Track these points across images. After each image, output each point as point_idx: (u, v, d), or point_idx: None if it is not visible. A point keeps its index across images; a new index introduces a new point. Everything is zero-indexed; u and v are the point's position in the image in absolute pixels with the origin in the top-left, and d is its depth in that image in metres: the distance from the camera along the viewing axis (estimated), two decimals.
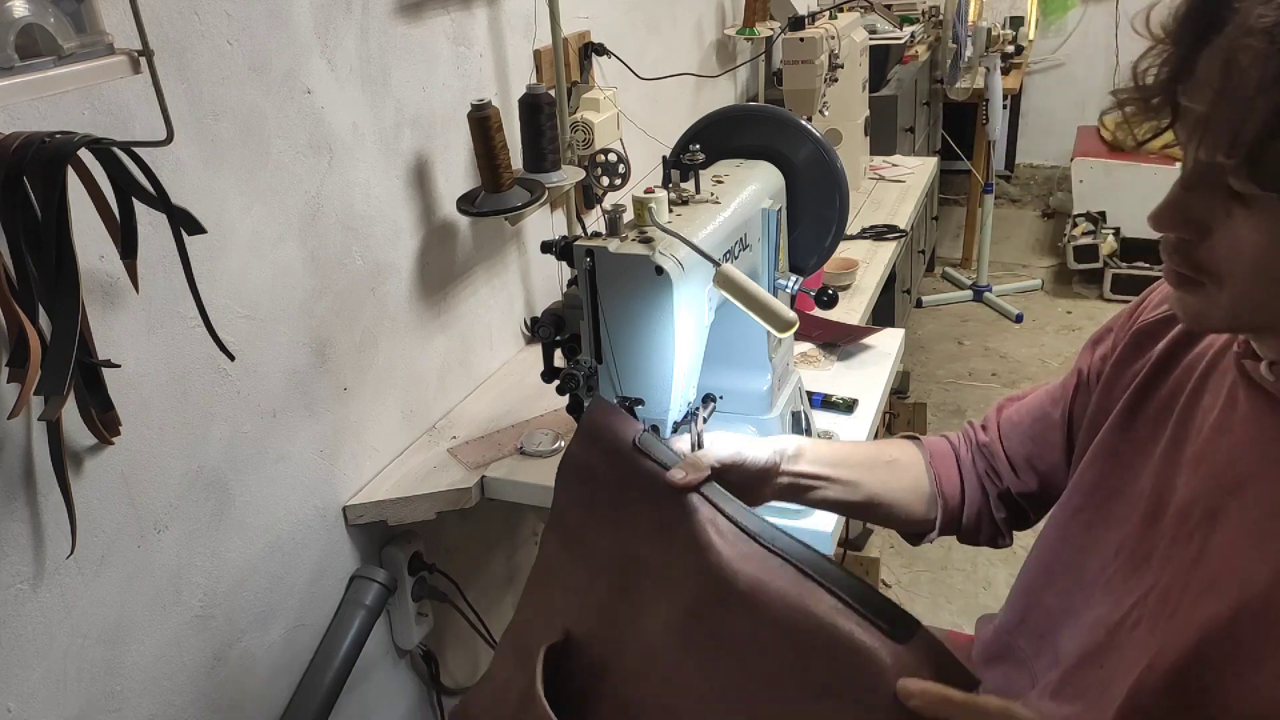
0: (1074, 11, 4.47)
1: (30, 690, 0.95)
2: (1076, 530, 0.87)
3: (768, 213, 1.09)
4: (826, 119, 2.30)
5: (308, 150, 1.22)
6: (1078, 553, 0.86)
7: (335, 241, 1.29)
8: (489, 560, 1.79)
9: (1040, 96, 4.71)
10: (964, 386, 3.22)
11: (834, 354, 1.62)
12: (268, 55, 1.14)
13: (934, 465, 1.02)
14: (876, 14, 3.24)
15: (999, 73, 3.44)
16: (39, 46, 0.75)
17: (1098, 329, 0.95)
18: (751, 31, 2.56)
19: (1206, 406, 0.76)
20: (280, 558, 1.25)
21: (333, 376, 1.31)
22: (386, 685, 1.51)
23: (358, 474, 1.38)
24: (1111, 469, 0.84)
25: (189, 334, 1.07)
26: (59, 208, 0.81)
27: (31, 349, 0.81)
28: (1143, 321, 0.86)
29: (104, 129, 0.94)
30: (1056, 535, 0.90)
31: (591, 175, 1.74)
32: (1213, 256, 0.64)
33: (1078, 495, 0.87)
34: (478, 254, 1.63)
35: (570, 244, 0.92)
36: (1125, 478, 0.83)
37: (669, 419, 0.95)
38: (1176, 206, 0.65)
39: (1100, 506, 0.85)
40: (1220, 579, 0.69)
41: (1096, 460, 0.86)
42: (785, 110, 1.17)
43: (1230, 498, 0.71)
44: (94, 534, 1.00)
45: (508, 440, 1.42)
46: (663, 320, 0.90)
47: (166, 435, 1.07)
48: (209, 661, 1.16)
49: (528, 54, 1.71)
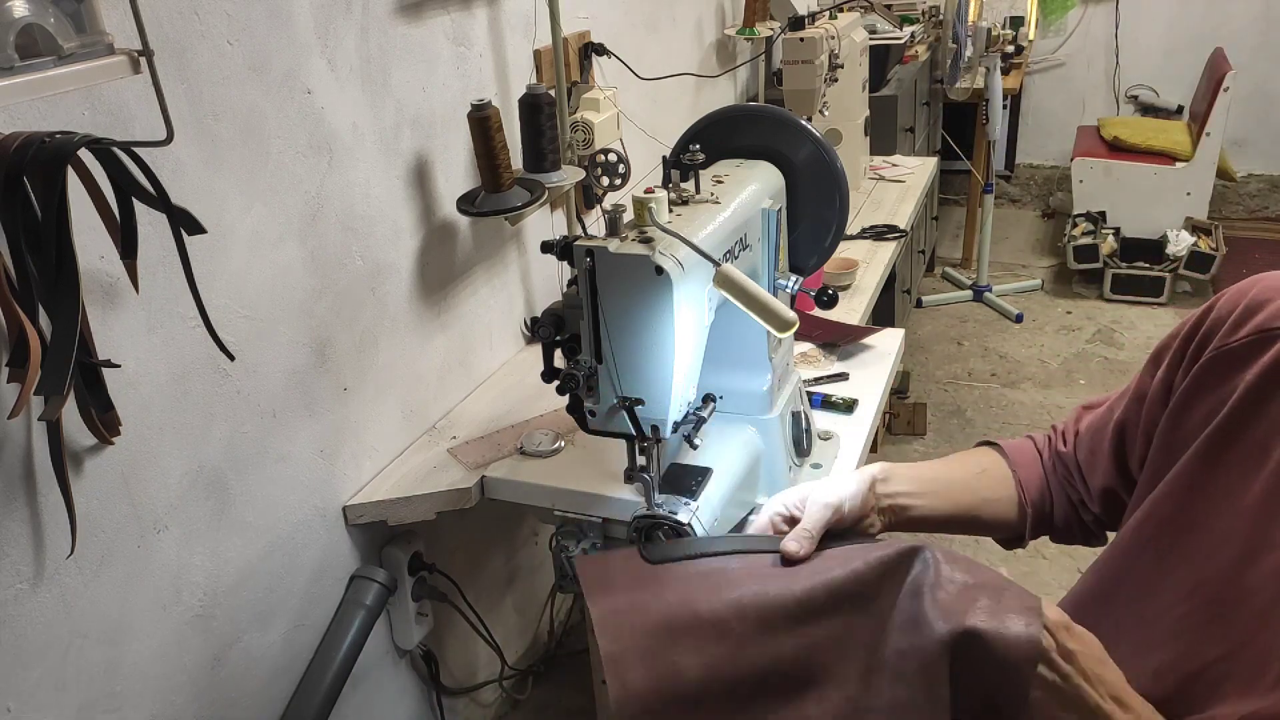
0: (1074, 11, 4.47)
1: (30, 690, 0.95)
2: (1147, 562, 0.80)
3: (768, 213, 1.09)
4: (826, 119, 2.30)
5: (308, 150, 1.22)
6: (1142, 585, 0.80)
7: (335, 241, 1.29)
8: (489, 560, 1.79)
9: (1040, 96, 4.71)
10: (963, 386, 3.22)
11: (834, 354, 1.62)
12: (268, 55, 1.14)
13: (1017, 471, 1.00)
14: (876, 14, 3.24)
15: (999, 73, 3.44)
16: (39, 46, 0.75)
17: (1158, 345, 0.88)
18: (751, 31, 2.56)
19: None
20: (280, 558, 1.25)
21: (333, 376, 1.31)
22: (386, 685, 1.51)
23: (358, 474, 1.38)
24: (1191, 502, 0.78)
25: (189, 334, 1.07)
26: (59, 208, 0.81)
27: (31, 349, 0.81)
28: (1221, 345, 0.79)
29: (104, 129, 0.94)
30: (1121, 563, 0.84)
31: (591, 175, 1.74)
32: None
33: (1151, 525, 0.81)
34: (478, 254, 1.63)
35: (570, 244, 0.92)
36: (1209, 513, 0.76)
37: (669, 419, 0.95)
38: None
39: (1176, 539, 0.78)
40: None
41: (1175, 492, 0.79)
42: (785, 110, 1.17)
43: None
44: (94, 534, 1.00)
45: (508, 440, 1.42)
46: (663, 320, 0.90)
47: (166, 435, 1.07)
48: (209, 661, 1.16)
49: (528, 54, 1.71)
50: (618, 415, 0.96)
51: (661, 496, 1.02)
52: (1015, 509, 0.99)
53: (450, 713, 1.68)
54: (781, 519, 0.90)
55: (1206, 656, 0.72)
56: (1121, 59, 4.47)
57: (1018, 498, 0.99)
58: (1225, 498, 0.75)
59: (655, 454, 0.99)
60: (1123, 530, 0.85)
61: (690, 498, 1.02)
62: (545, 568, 1.99)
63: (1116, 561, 0.84)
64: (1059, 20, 4.51)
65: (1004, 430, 2.94)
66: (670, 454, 1.10)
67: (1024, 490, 0.99)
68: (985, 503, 0.98)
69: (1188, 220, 3.65)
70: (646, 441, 0.98)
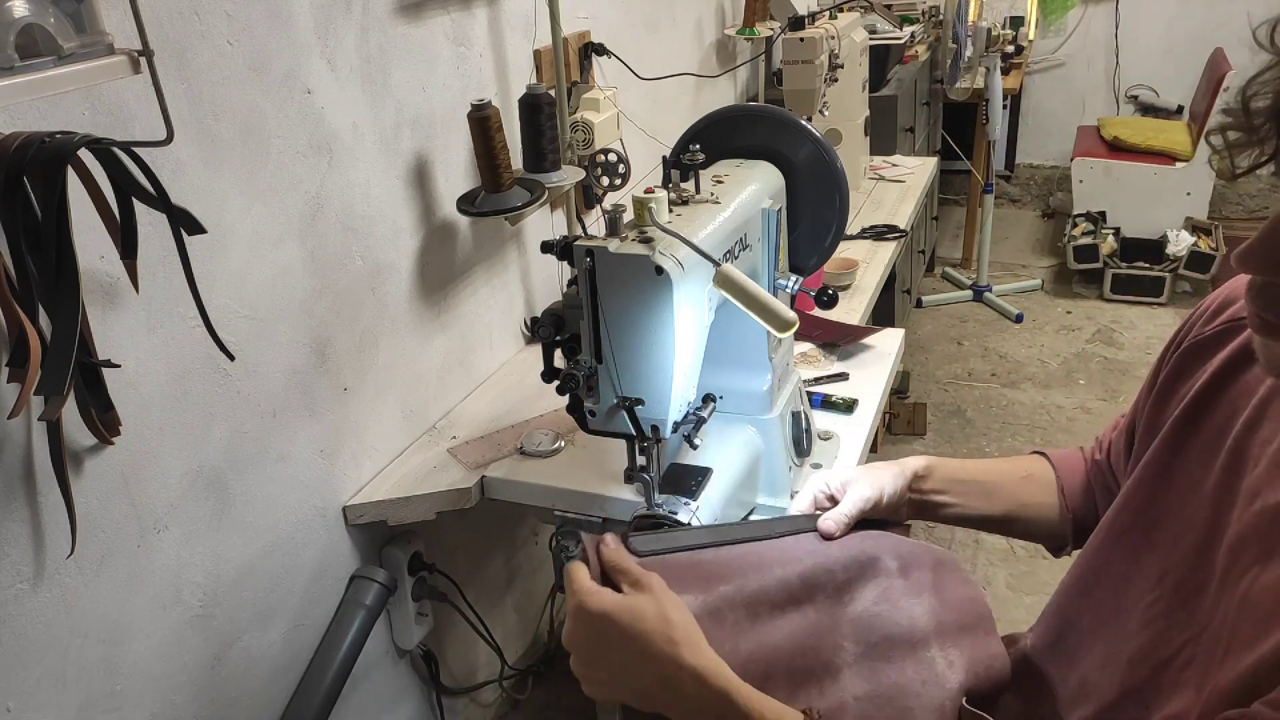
0: (1074, 11, 4.46)
1: (30, 689, 0.95)
2: (1123, 553, 0.81)
3: (768, 213, 1.09)
4: (826, 119, 2.30)
5: (308, 150, 1.22)
6: (1120, 577, 0.81)
7: (335, 241, 1.29)
8: (489, 560, 1.79)
9: (1040, 96, 4.71)
10: (963, 386, 3.22)
11: (834, 354, 1.62)
12: (268, 55, 1.14)
13: (1060, 478, 1.02)
14: (876, 14, 3.24)
15: (999, 73, 3.44)
16: (39, 46, 0.75)
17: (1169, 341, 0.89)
18: (751, 31, 2.56)
19: (1265, 437, 0.71)
20: (280, 557, 1.25)
21: (333, 376, 1.31)
22: (386, 685, 1.51)
23: (358, 474, 1.38)
24: (1160, 490, 0.79)
25: (189, 334, 1.07)
26: (59, 208, 0.81)
27: (31, 349, 0.81)
28: (1197, 335, 0.81)
29: (104, 129, 0.94)
30: (1101, 556, 0.84)
31: (591, 175, 1.74)
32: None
33: (1126, 514, 0.82)
34: (478, 254, 1.63)
35: (570, 244, 0.92)
36: (1174, 501, 0.78)
37: (669, 419, 0.95)
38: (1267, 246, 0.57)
39: (1148, 530, 0.79)
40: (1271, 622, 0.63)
41: (1146, 480, 0.81)
42: (785, 110, 1.17)
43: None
44: (94, 534, 1.00)
45: (508, 440, 1.42)
46: (663, 320, 0.90)
47: (166, 435, 1.07)
48: (209, 661, 1.16)
49: (528, 54, 1.71)
50: (618, 415, 0.96)
51: (661, 496, 1.02)
52: (1057, 515, 1.01)
53: (450, 713, 1.68)
54: (824, 496, 0.96)
55: (1175, 643, 0.73)
56: (1121, 59, 4.47)
57: (1059, 504, 1.01)
58: (1189, 485, 0.77)
59: (655, 454, 0.99)
60: (1102, 521, 0.87)
61: (690, 498, 1.02)
62: (545, 568, 1.99)
63: (1096, 553, 0.86)
64: (1059, 20, 4.50)
65: (1003, 430, 2.94)
66: (670, 454, 1.10)
67: (1066, 497, 1.01)
68: (1025, 507, 1.00)
69: (1188, 220, 3.64)
70: (646, 441, 0.98)
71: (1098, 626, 0.82)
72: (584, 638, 0.75)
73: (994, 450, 2.85)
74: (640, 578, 0.76)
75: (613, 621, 0.73)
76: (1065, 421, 2.97)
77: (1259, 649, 0.63)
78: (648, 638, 0.72)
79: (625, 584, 0.76)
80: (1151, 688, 0.73)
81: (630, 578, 0.76)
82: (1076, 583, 0.88)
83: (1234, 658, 0.66)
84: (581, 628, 0.75)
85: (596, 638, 0.74)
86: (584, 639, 0.75)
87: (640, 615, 0.73)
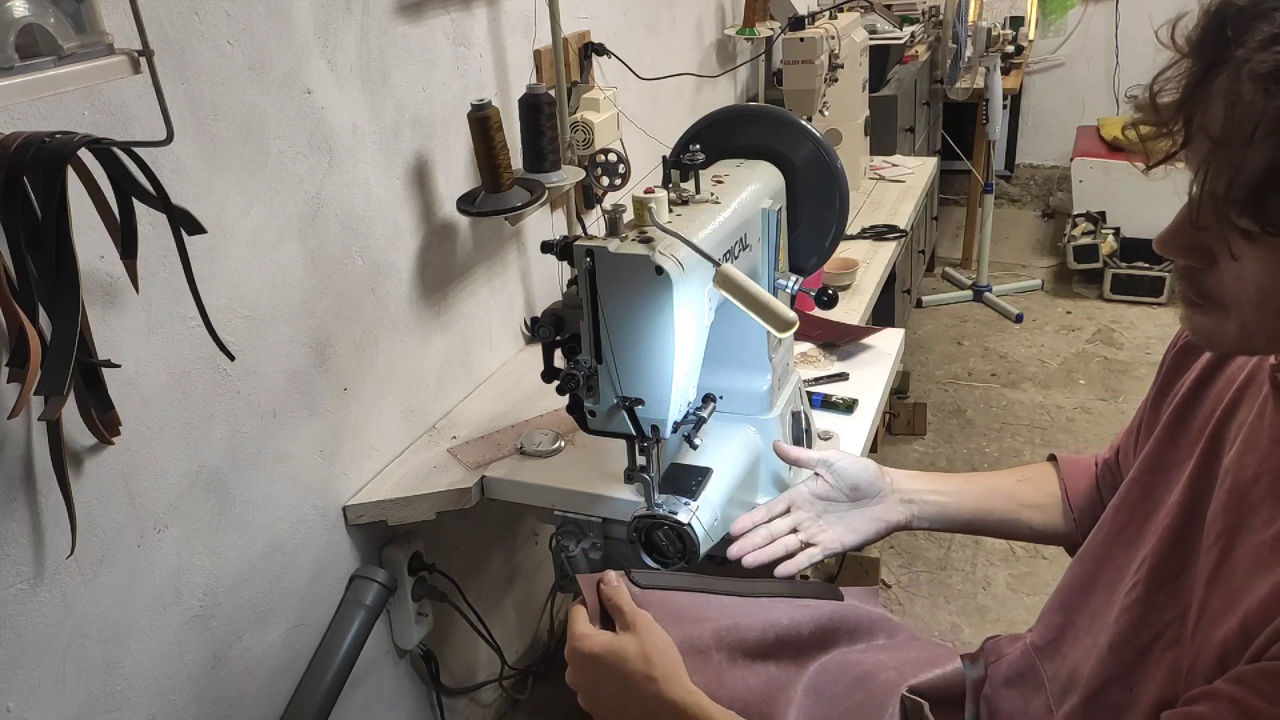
0: (1074, 11, 4.46)
1: (30, 690, 0.95)
2: (1120, 548, 0.83)
3: (768, 213, 1.09)
4: (826, 119, 2.30)
5: (308, 150, 1.22)
6: (1117, 571, 0.82)
7: (335, 241, 1.29)
8: (489, 560, 1.79)
9: (1040, 96, 4.71)
10: (963, 386, 3.22)
11: (834, 354, 1.62)
12: (268, 55, 1.14)
13: (1065, 479, 1.03)
14: (876, 14, 3.24)
15: (999, 73, 3.44)
16: (39, 46, 0.75)
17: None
18: (751, 31, 2.56)
19: (1240, 421, 0.74)
20: (280, 557, 1.25)
21: (333, 376, 1.31)
22: (386, 685, 1.51)
23: (358, 474, 1.38)
24: (1154, 484, 0.82)
25: (189, 334, 1.07)
26: (59, 208, 0.81)
27: (31, 349, 0.81)
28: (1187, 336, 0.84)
29: (104, 129, 0.94)
30: (1101, 552, 0.86)
31: (591, 175, 1.74)
32: (1219, 284, 0.62)
33: (1125, 510, 0.84)
34: (478, 254, 1.63)
35: (570, 244, 0.92)
36: (1162, 495, 0.80)
37: (669, 419, 0.95)
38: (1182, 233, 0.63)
39: (1142, 524, 0.81)
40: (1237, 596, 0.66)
41: (1142, 476, 0.83)
42: (785, 110, 1.17)
43: (1252, 514, 0.68)
44: (94, 534, 1.00)
45: (508, 440, 1.42)
46: (663, 320, 0.90)
47: (166, 435, 1.07)
48: (209, 661, 1.16)
49: (528, 54, 1.71)
50: (618, 415, 0.96)
51: (661, 496, 1.02)
52: (1062, 516, 1.02)
53: (450, 712, 1.68)
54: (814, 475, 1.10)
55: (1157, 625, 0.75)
56: (1121, 59, 4.47)
57: (1064, 505, 1.01)
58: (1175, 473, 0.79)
59: (655, 454, 0.99)
60: (1101, 518, 0.88)
61: (690, 498, 1.02)
62: (545, 568, 1.99)
63: (1096, 550, 0.87)
64: (1059, 20, 4.50)
65: (1003, 430, 2.94)
66: (670, 454, 1.10)
67: (1070, 498, 1.02)
68: (1023, 508, 1.02)
69: None
70: (646, 441, 0.98)
71: (1091, 620, 0.84)
72: (579, 679, 0.84)
73: (994, 450, 2.84)
74: (630, 618, 0.84)
75: (600, 662, 0.81)
76: (1065, 421, 2.97)
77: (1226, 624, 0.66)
78: (629, 677, 0.80)
79: (618, 623, 0.85)
80: (1137, 671, 0.75)
81: (623, 619, 0.84)
82: (1077, 580, 0.89)
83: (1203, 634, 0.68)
84: (576, 670, 0.83)
85: (590, 678, 0.83)
86: (579, 680, 0.84)
87: (623, 656, 0.81)
